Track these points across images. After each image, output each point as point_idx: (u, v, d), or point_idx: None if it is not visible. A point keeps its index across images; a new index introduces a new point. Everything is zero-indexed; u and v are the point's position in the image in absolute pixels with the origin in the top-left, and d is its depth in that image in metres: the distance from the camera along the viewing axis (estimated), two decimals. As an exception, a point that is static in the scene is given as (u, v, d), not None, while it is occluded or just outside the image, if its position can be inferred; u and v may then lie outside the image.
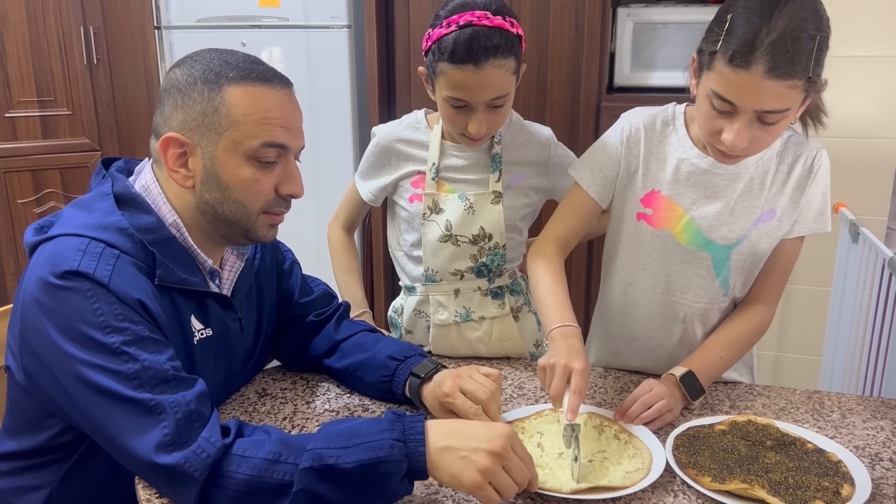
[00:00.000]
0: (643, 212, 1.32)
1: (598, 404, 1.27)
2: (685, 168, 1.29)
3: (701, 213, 1.29)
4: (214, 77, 1.03)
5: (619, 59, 2.58)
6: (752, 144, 1.16)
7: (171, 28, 2.82)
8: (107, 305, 0.95)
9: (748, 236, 1.29)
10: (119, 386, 0.93)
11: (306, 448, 0.92)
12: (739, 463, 1.05)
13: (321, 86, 2.77)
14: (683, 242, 1.30)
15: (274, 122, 1.04)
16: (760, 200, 1.28)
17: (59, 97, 2.88)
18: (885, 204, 2.42)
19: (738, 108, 1.12)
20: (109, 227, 1.01)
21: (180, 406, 0.93)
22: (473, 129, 1.34)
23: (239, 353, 1.23)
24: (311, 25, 2.74)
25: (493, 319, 1.51)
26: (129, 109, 2.96)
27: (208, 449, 0.91)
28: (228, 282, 1.18)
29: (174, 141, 1.04)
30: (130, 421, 0.92)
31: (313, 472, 0.90)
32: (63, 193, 2.95)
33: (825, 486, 0.99)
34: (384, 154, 1.50)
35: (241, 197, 1.06)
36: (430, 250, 1.48)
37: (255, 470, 0.91)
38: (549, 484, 0.99)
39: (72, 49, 2.84)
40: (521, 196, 1.50)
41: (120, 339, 0.94)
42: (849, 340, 2.24)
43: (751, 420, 1.16)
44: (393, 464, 0.91)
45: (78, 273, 0.95)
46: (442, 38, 1.28)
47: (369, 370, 1.25)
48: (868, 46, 2.33)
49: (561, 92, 2.57)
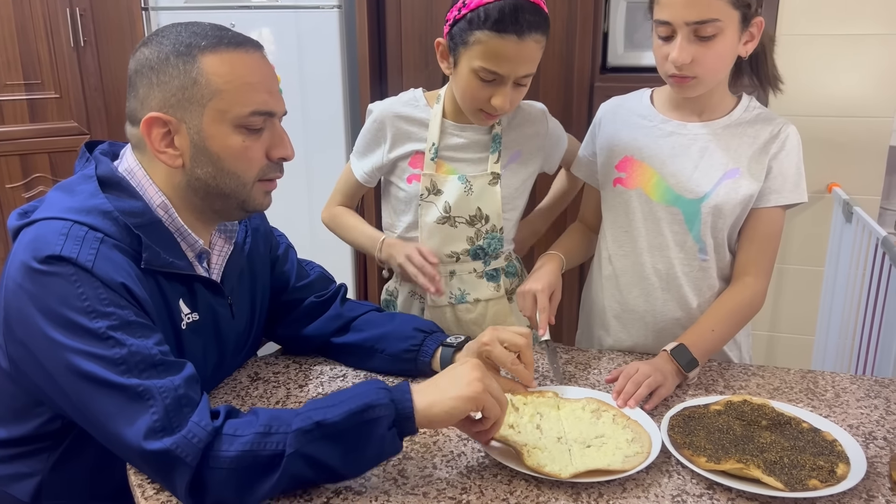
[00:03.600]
0: (618, 176, 1.42)
1: (592, 385, 1.27)
2: (653, 133, 1.40)
3: (670, 171, 1.37)
4: (186, 49, 1.00)
5: (612, 40, 2.56)
6: (698, 64, 1.25)
7: (159, 9, 2.78)
8: (91, 290, 0.93)
9: (715, 191, 1.34)
10: (106, 372, 0.91)
11: (296, 415, 0.94)
12: (735, 443, 1.05)
13: (312, 67, 2.74)
14: (655, 199, 1.38)
15: (256, 87, 1.02)
16: (725, 159, 1.35)
17: (47, 80, 2.84)
18: (879, 183, 2.42)
19: (673, 26, 1.24)
20: (93, 211, 0.99)
21: (169, 391, 0.92)
22: (499, 103, 1.32)
23: (230, 339, 1.21)
24: (301, 6, 2.71)
25: (487, 301, 1.51)
26: (118, 92, 2.92)
27: (199, 433, 0.90)
28: (217, 266, 1.17)
29: (157, 121, 1.01)
30: (119, 407, 0.91)
31: (304, 434, 0.91)
32: (52, 178, 2.92)
33: (820, 465, 0.99)
34: (381, 130, 1.48)
35: (235, 167, 1.04)
36: (427, 232, 1.47)
37: (247, 445, 0.91)
38: (547, 468, 0.99)
39: (58, 31, 2.80)
40: (520, 171, 1.50)
41: (105, 324, 0.92)
42: (842, 320, 2.24)
43: (746, 400, 1.16)
44: (380, 408, 0.93)
45: (61, 258, 0.93)
46: (484, 6, 1.26)
47: (392, 341, 1.26)
48: (862, 25, 2.32)
49: (554, 72, 2.55)
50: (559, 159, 1.61)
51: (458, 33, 1.30)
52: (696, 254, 1.39)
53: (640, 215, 1.40)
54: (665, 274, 1.41)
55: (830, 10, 2.35)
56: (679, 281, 1.40)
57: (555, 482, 0.99)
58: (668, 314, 1.42)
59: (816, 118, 2.41)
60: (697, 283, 1.40)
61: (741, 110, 1.37)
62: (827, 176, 2.43)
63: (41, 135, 2.87)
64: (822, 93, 2.39)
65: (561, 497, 0.96)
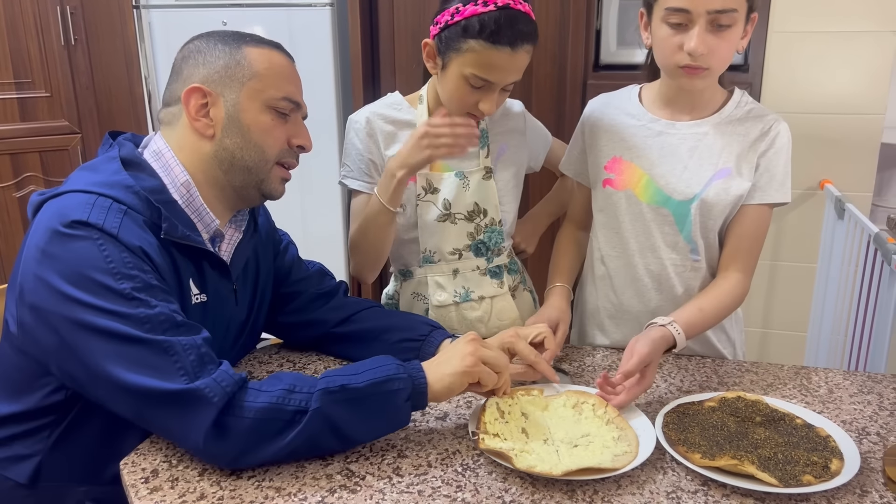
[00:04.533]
0: (608, 177, 1.41)
1: (586, 383, 1.27)
2: (641, 133, 1.38)
3: (659, 172, 1.36)
4: (233, 40, 1.13)
5: (605, 37, 2.56)
6: (713, 55, 1.23)
7: (151, 7, 2.76)
8: (117, 254, 0.98)
9: (706, 192, 1.33)
10: (129, 328, 0.95)
11: (320, 378, 1.02)
12: (729, 439, 1.05)
13: (304, 65, 2.68)
14: (645, 200, 1.37)
15: (289, 80, 1.16)
16: (714, 159, 1.34)
17: (37, 79, 2.82)
18: (870, 180, 2.43)
19: (692, 15, 1.21)
20: (116, 185, 1.04)
21: (193, 348, 0.97)
22: (487, 108, 1.33)
23: (232, 325, 1.23)
24: (293, 4, 2.70)
25: (492, 299, 1.51)
26: (110, 91, 2.90)
27: (227, 380, 0.97)
28: (227, 253, 1.20)
29: (198, 91, 1.10)
30: (140, 360, 0.95)
31: (329, 393, 0.98)
32: (43, 177, 2.91)
33: (814, 461, 1.00)
34: (372, 133, 1.46)
35: (261, 140, 1.13)
36: (428, 231, 1.47)
37: (273, 398, 0.97)
38: (538, 468, 0.99)
39: (49, 29, 2.78)
40: (509, 165, 1.51)
41: (130, 286, 0.97)
42: (835, 316, 2.25)
43: (740, 396, 1.16)
44: (400, 380, 1.02)
45: (87, 223, 0.98)
46: (479, 16, 1.26)
47: (397, 331, 1.29)
48: (853, 22, 2.33)
49: (547, 70, 2.55)
50: (543, 154, 1.63)
51: (451, 39, 1.30)
52: (688, 254, 1.38)
53: (630, 217, 1.39)
54: (658, 274, 1.40)
55: (822, 7, 2.35)
56: (672, 281, 1.40)
57: (549, 480, 0.99)
58: (663, 314, 1.40)
59: (808, 115, 2.41)
60: (690, 283, 1.40)
61: (732, 106, 1.36)
62: (819, 173, 2.44)
63: (32, 134, 2.85)
64: (813, 90, 2.40)
65: (556, 494, 0.96)
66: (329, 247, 2.83)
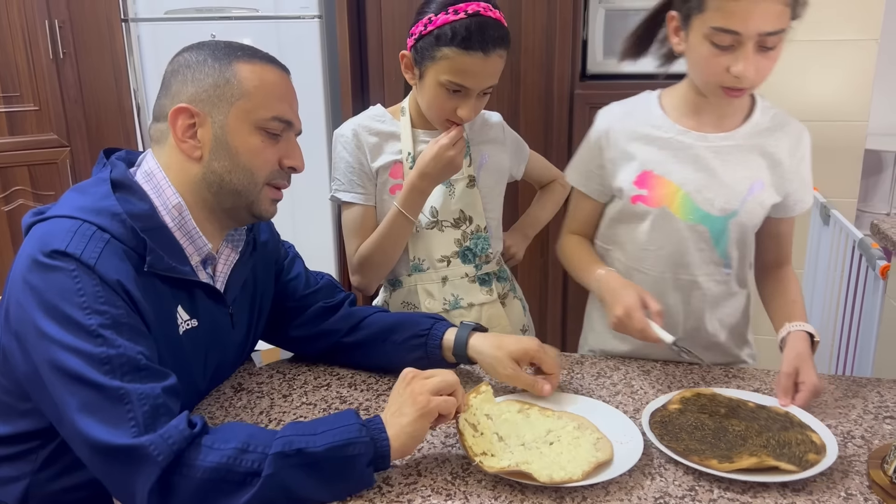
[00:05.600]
0: (638, 193, 1.35)
1: (575, 391, 1.27)
2: (671, 146, 1.33)
3: (695, 187, 1.32)
4: (224, 55, 1.08)
5: (591, 47, 2.58)
6: (758, 74, 1.19)
7: (139, 20, 2.77)
8: (90, 287, 0.95)
9: (744, 206, 1.31)
10: (89, 369, 0.91)
11: (275, 437, 0.94)
12: (717, 436, 1.08)
13: (293, 77, 2.74)
14: (682, 217, 1.33)
15: (281, 98, 1.11)
16: (748, 172, 1.31)
17: (26, 93, 2.82)
18: (855, 186, 2.46)
19: (742, 37, 1.15)
20: (103, 212, 1.01)
21: (148, 398, 0.92)
22: (465, 114, 1.37)
23: (228, 348, 1.22)
24: (282, 16, 2.72)
25: (481, 306, 1.52)
26: (98, 104, 2.91)
27: (175, 436, 0.90)
28: (222, 274, 1.18)
29: (185, 111, 1.07)
30: (94, 406, 0.91)
31: (284, 458, 0.92)
32: (32, 191, 2.90)
33: (801, 439, 1.04)
34: (359, 145, 1.48)
35: (249, 163, 1.09)
36: (416, 238, 1.48)
37: (224, 458, 0.91)
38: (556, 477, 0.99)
39: (37, 43, 2.78)
40: (493, 173, 1.54)
41: (98, 321, 0.94)
42: (821, 321, 2.27)
43: (699, 393, 1.19)
44: (360, 445, 0.95)
45: (65, 253, 0.96)
46: (451, 24, 1.31)
47: (402, 330, 1.28)
48: (836, 31, 2.36)
49: (534, 80, 2.57)
50: (522, 165, 1.65)
51: (426, 48, 1.34)
52: (721, 268, 1.37)
53: (663, 234, 1.34)
54: (687, 289, 1.37)
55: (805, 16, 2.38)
56: (701, 295, 1.38)
57: (539, 486, 0.99)
58: (684, 325, 1.40)
59: (793, 123, 2.43)
60: (718, 297, 1.39)
61: (759, 114, 1.33)
62: (804, 179, 2.46)
63: (20, 147, 2.85)
64: (797, 98, 2.43)
65: (545, 500, 0.97)
66: (320, 261, 2.84)
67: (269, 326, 1.35)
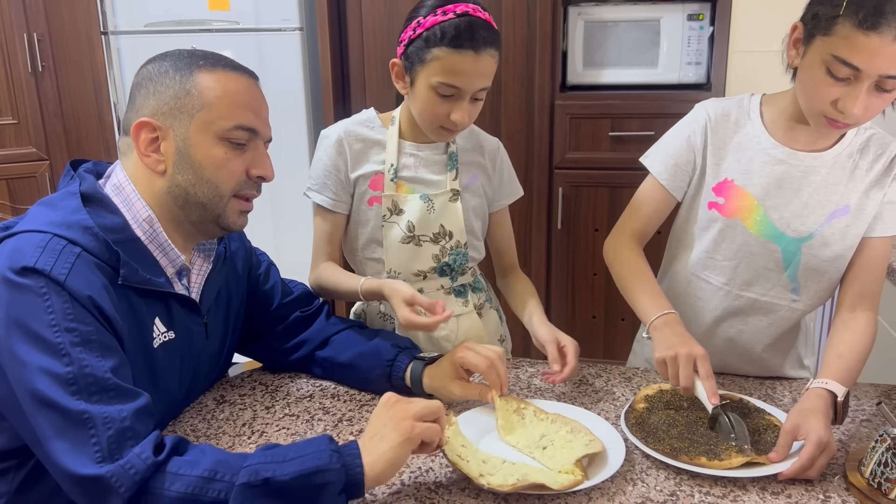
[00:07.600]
0: (715, 200, 1.31)
1: (557, 397, 1.28)
2: (760, 158, 1.28)
3: (773, 204, 1.27)
4: (185, 65, 1.06)
5: (571, 58, 2.61)
6: (866, 113, 1.12)
7: (119, 33, 2.77)
8: (59, 304, 0.93)
9: (821, 231, 1.26)
10: (56, 391, 0.90)
11: (243, 465, 0.91)
12: (692, 430, 1.12)
13: (274, 89, 2.74)
14: (754, 233, 1.29)
15: (244, 106, 1.08)
16: (836, 195, 1.25)
17: (4, 106, 2.81)
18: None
19: (861, 74, 1.08)
20: (74, 226, 1.00)
21: (114, 421, 0.90)
22: (458, 118, 1.34)
23: (203, 359, 1.21)
24: (263, 28, 2.72)
25: (458, 317, 1.52)
26: (78, 117, 2.90)
27: (137, 465, 0.88)
28: (196, 285, 1.17)
29: (147, 125, 1.05)
30: (59, 430, 0.90)
31: (250, 488, 0.88)
32: (10, 205, 2.88)
33: (765, 424, 1.12)
34: (341, 150, 1.46)
35: (214, 177, 1.07)
36: (393, 252, 1.47)
37: (189, 487, 0.89)
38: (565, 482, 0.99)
39: (15, 56, 2.77)
40: (477, 197, 1.52)
41: (68, 339, 0.92)
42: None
43: (660, 389, 1.23)
44: (331, 472, 0.91)
45: (34, 270, 0.94)
46: (440, 25, 1.30)
47: (369, 358, 1.28)
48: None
49: (515, 91, 2.59)
50: (507, 198, 1.57)
51: (415, 52, 1.33)
52: (789, 293, 1.32)
53: (733, 246, 1.31)
54: (747, 309, 1.34)
55: (782, 27, 2.41)
56: (760, 317, 1.35)
57: (522, 495, 1.00)
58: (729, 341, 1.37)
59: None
60: (778, 322, 1.35)
61: (853, 133, 1.26)
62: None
63: (-1, 161, 2.83)
64: None
65: (528, 509, 0.98)
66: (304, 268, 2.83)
67: (244, 337, 1.35)
